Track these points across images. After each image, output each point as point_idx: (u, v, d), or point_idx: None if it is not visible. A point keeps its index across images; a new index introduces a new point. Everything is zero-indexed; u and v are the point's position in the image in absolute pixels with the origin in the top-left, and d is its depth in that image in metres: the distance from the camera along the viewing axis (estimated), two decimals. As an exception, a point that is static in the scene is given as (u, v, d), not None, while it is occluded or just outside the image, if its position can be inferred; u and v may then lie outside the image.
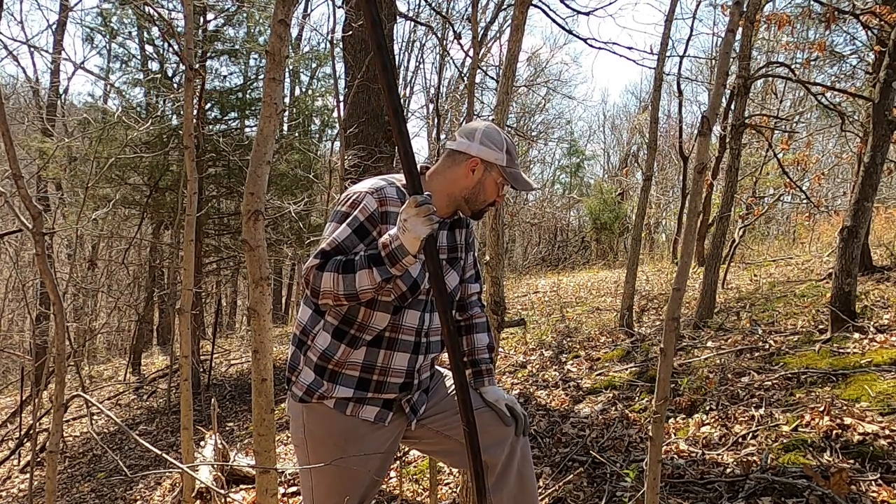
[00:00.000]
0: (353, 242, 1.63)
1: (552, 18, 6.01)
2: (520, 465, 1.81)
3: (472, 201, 1.77)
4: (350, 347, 1.69)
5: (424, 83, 20.56)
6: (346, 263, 1.57)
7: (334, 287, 1.56)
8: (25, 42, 12.77)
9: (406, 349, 1.73)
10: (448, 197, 1.77)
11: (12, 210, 2.44)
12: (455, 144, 1.76)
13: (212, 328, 9.65)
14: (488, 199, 1.78)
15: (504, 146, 1.75)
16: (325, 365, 1.71)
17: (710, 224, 9.04)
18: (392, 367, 1.72)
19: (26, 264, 12.55)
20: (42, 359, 7.27)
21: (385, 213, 1.66)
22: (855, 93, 5.82)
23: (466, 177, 1.74)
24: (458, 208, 1.79)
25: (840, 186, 14.01)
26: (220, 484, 3.65)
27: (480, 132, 1.75)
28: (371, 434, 1.74)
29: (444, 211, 1.79)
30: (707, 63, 14.62)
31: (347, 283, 1.55)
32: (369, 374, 1.71)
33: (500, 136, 1.76)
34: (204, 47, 8.36)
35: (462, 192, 1.75)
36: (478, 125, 1.78)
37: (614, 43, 5.65)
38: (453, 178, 1.75)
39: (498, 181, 1.76)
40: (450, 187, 1.76)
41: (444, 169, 1.77)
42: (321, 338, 1.71)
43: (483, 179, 1.74)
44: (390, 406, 1.77)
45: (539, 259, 17.82)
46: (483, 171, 1.74)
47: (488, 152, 1.73)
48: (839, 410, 2.86)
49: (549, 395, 4.27)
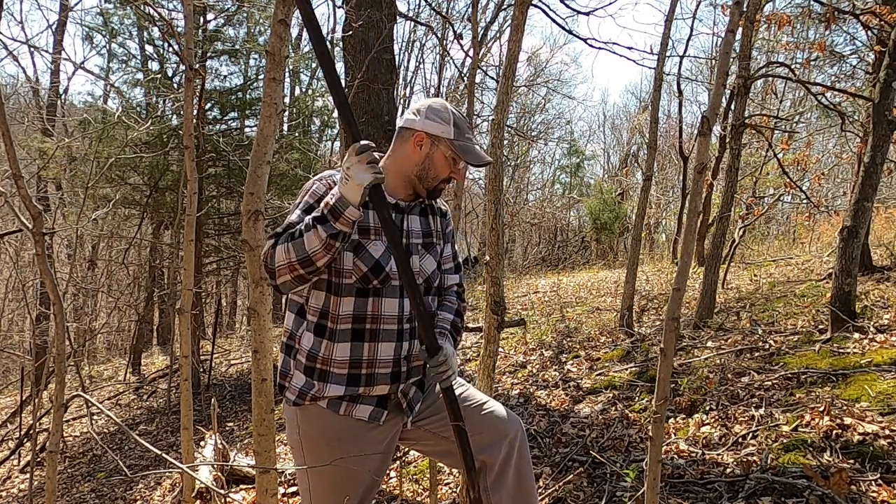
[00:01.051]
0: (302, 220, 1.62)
1: (552, 18, 6.00)
2: (518, 465, 1.80)
3: (424, 178, 1.74)
4: (331, 342, 1.68)
5: (424, 83, 20.56)
6: (291, 232, 1.56)
7: (287, 256, 1.54)
8: (25, 42, 12.78)
9: (390, 338, 1.71)
10: (401, 177, 1.75)
11: (12, 210, 2.44)
12: (402, 121, 1.75)
13: (212, 328, 9.65)
14: (440, 174, 1.75)
15: (451, 119, 1.73)
16: (313, 365, 1.70)
17: (710, 224, 9.04)
18: (379, 358, 1.71)
19: (26, 264, 12.55)
20: (42, 359, 7.27)
21: None
22: (855, 93, 5.82)
23: (414, 152, 1.72)
24: (414, 188, 1.77)
25: (840, 186, 14.01)
26: (220, 484, 3.65)
27: (426, 107, 1.74)
28: (366, 434, 1.73)
29: (401, 192, 1.77)
30: (707, 63, 14.62)
31: (298, 248, 1.53)
32: (357, 369, 1.70)
33: (448, 109, 1.74)
34: (204, 47, 8.36)
35: (413, 170, 1.74)
36: (426, 101, 1.77)
37: (614, 43, 5.65)
38: (403, 156, 1.74)
39: (447, 155, 1.73)
40: (400, 166, 1.75)
41: (396, 148, 1.76)
42: (306, 338, 1.71)
43: (431, 154, 1.72)
44: (384, 405, 1.75)
45: (539, 259, 17.81)
46: (430, 146, 1.72)
47: (433, 125, 1.71)
48: (839, 410, 2.86)
49: (549, 395, 4.27)
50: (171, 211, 8.65)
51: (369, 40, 6.04)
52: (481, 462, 1.80)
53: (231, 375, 9.01)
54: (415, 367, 1.79)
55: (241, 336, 12.53)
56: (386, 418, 1.76)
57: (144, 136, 7.97)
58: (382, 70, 6.21)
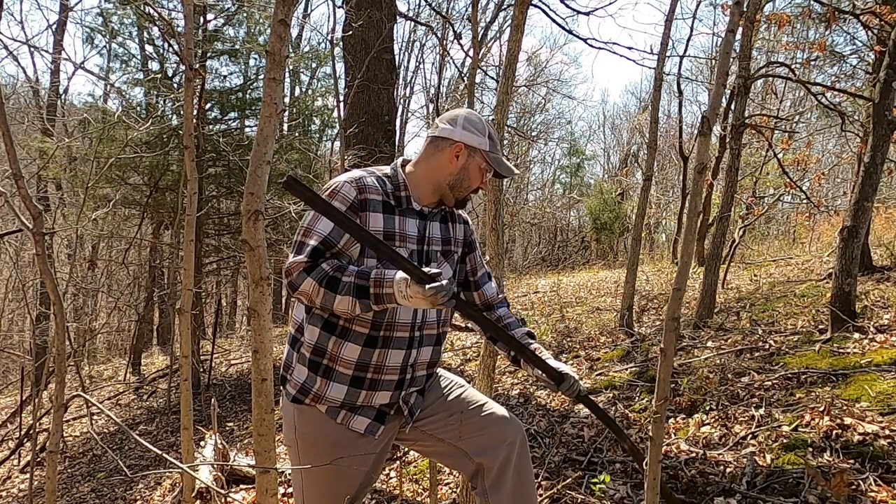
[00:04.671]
0: (339, 234, 1.61)
1: (552, 18, 6.01)
2: (518, 468, 1.80)
3: (457, 188, 1.77)
4: (341, 339, 1.67)
5: (424, 83, 20.58)
6: (330, 280, 1.54)
7: (312, 295, 1.56)
8: (25, 42, 12.76)
9: (401, 346, 1.71)
10: (432, 184, 1.77)
11: (12, 210, 2.44)
12: (438, 131, 1.76)
13: (212, 328, 9.64)
14: (472, 184, 1.78)
15: (486, 131, 1.76)
16: (318, 360, 1.70)
17: (710, 224, 9.03)
18: (387, 364, 1.71)
19: (26, 264, 12.55)
20: (42, 359, 7.27)
21: (364, 201, 1.66)
22: (855, 93, 5.82)
23: (451, 163, 1.74)
24: (443, 196, 1.78)
25: (840, 186, 14.02)
26: (220, 484, 3.65)
27: (462, 118, 1.76)
28: (362, 444, 1.73)
29: (428, 199, 1.78)
30: (707, 63, 14.62)
31: (327, 300, 1.56)
32: (363, 371, 1.69)
33: (482, 121, 1.77)
34: (204, 47, 8.35)
35: (447, 179, 1.76)
36: (459, 112, 1.79)
37: (614, 43, 5.66)
38: (437, 165, 1.75)
39: (482, 166, 1.77)
40: (434, 174, 1.76)
41: (428, 156, 1.77)
42: (312, 331, 1.70)
43: (467, 165, 1.75)
44: (382, 419, 1.75)
45: (539, 259, 17.81)
46: (467, 157, 1.75)
47: (471, 137, 1.74)
48: (839, 410, 2.86)
49: (549, 395, 4.26)
50: (171, 211, 8.65)
51: (369, 40, 6.04)
52: (479, 464, 1.80)
53: (231, 375, 9.01)
54: (419, 375, 1.79)
55: (241, 336, 12.53)
56: (381, 433, 1.76)
57: (144, 136, 7.97)
58: (382, 70, 6.21)
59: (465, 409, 1.83)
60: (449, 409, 1.84)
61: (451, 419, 1.82)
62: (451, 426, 1.81)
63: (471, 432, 1.80)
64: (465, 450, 1.81)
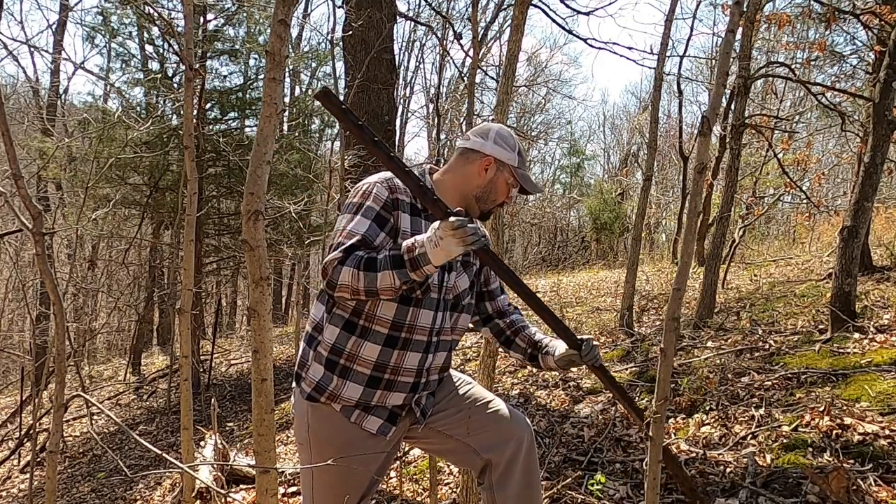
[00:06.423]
0: (375, 231, 1.62)
1: (552, 18, 6.01)
2: (525, 465, 1.81)
3: (483, 200, 1.80)
4: (361, 339, 1.68)
5: (424, 83, 20.59)
6: (367, 261, 1.54)
7: (353, 282, 1.54)
8: (25, 42, 12.78)
9: (419, 349, 1.73)
10: (459, 195, 1.79)
11: (12, 210, 2.44)
12: (469, 143, 1.79)
13: (212, 328, 9.65)
14: (499, 198, 1.81)
15: (516, 148, 1.80)
16: (336, 359, 1.70)
17: (710, 224, 9.04)
18: (404, 366, 1.72)
19: (26, 264, 12.55)
20: (42, 359, 7.27)
21: (395, 201, 1.67)
22: (855, 93, 5.82)
23: (479, 175, 1.77)
24: (468, 206, 1.81)
25: (840, 186, 14.03)
26: (220, 484, 3.65)
27: (494, 132, 1.79)
28: (374, 443, 1.74)
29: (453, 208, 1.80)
30: (707, 63, 14.62)
31: (369, 281, 1.53)
32: (381, 372, 1.70)
33: (513, 137, 1.81)
34: (204, 47, 8.35)
35: (474, 191, 1.78)
36: (491, 126, 1.82)
37: (614, 43, 5.66)
38: (466, 176, 1.78)
39: (509, 181, 1.80)
40: (462, 185, 1.78)
41: (457, 167, 1.80)
42: (331, 331, 1.71)
43: (495, 179, 1.78)
44: (395, 420, 1.76)
45: (539, 259, 17.83)
46: (496, 171, 1.78)
47: (502, 152, 1.77)
48: (839, 410, 2.86)
49: (549, 395, 4.27)
50: (171, 211, 8.65)
51: (369, 40, 6.04)
52: (486, 460, 1.81)
53: (231, 375, 9.01)
54: (433, 379, 1.81)
55: (241, 336, 12.54)
56: (392, 434, 1.77)
57: (144, 136, 7.97)
58: (382, 70, 6.21)
59: (473, 405, 1.85)
60: (457, 405, 1.86)
61: (459, 416, 1.84)
62: (460, 423, 1.83)
63: (479, 428, 1.82)
64: (474, 446, 1.82)
